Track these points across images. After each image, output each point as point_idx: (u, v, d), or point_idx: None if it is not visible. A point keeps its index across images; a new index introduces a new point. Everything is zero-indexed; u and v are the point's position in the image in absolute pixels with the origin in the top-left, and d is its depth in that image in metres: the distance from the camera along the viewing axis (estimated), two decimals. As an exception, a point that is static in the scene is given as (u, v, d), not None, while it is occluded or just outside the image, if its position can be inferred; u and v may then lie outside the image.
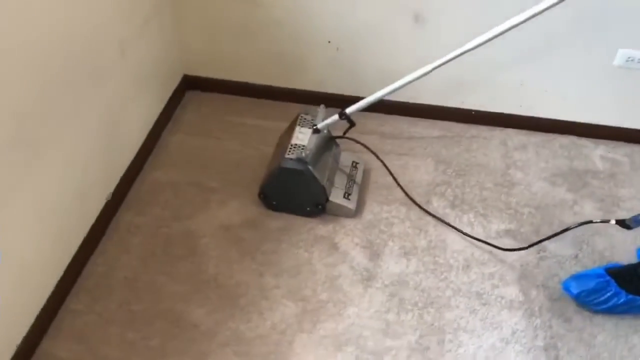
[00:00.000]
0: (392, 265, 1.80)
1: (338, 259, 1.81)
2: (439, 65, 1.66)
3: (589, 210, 1.99)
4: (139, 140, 2.06)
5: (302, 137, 1.88)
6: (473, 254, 1.84)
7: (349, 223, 1.90)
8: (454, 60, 1.63)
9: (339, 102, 2.30)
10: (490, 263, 1.82)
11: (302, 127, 1.92)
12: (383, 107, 2.13)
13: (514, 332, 1.64)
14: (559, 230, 1.75)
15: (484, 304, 1.71)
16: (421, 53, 2.12)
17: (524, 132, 2.28)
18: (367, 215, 1.94)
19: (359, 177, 2.01)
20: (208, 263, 1.78)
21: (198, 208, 1.94)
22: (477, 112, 2.29)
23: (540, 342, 1.61)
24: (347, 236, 1.88)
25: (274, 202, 1.91)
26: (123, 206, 1.93)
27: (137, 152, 2.03)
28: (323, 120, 1.90)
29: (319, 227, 1.89)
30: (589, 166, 2.14)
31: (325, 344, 1.60)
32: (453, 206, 1.98)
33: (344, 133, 1.93)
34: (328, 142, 1.96)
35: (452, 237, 1.88)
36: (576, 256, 1.83)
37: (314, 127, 1.90)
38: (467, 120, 2.32)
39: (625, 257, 1.82)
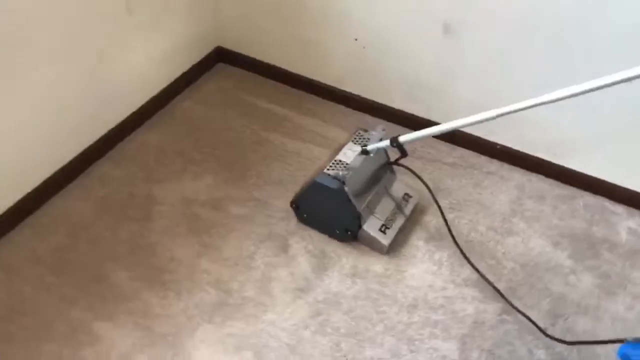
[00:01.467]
0: (333, 283, 1.67)
1: (282, 261, 1.72)
2: (507, 113, 1.37)
3: (585, 284, 1.72)
4: (140, 99, 2.08)
5: (350, 154, 1.72)
6: (427, 295, 1.66)
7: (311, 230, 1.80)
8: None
9: (357, 103, 2.21)
10: (441, 310, 1.63)
11: (354, 143, 1.76)
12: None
13: (431, 392, 1.46)
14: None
15: (412, 352, 1.53)
16: (447, 66, 1.96)
17: (548, 181, 2.01)
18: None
19: (407, 211, 1.81)
20: (153, 231, 1.76)
21: (171, 176, 1.93)
22: (503, 147, 2.06)
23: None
24: (303, 241, 1.77)
25: (305, 215, 1.79)
26: (105, 158, 1.97)
27: (136, 111, 2.06)
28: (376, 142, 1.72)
29: (278, 225, 1.81)
30: (609, 236, 1.85)
31: (227, 342, 1.52)
32: (429, 239, 1.80)
33: (395, 162, 1.78)
34: (380, 167, 1.78)
35: (413, 271, 1.71)
36: (545, 330, 1.59)
37: (363, 148, 1.72)
38: (488, 154, 2.09)
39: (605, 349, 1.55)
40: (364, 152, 1.72)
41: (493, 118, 1.41)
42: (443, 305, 1.64)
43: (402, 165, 1.78)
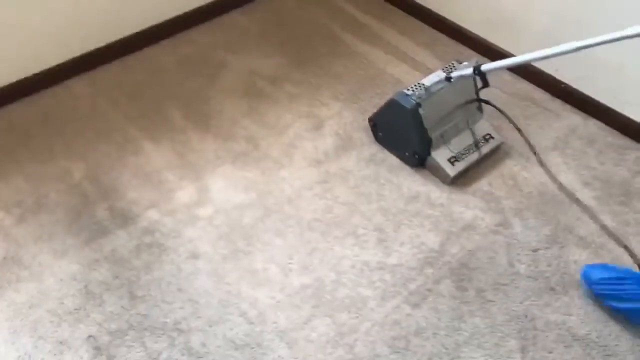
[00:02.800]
0: (349, 163, 1.81)
1: (311, 136, 1.89)
2: (593, 45, 1.33)
3: (598, 225, 1.67)
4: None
5: (434, 80, 1.72)
6: (430, 193, 1.73)
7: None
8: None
9: (438, 22, 2.25)
10: (439, 208, 1.70)
11: (443, 72, 1.74)
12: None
13: (399, 267, 1.56)
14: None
15: (395, 232, 1.64)
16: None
17: (607, 128, 1.93)
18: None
19: (483, 150, 1.78)
20: (214, 87, 2.02)
21: (246, 50, 2.17)
22: (567, 86, 2.01)
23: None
24: (336, 126, 1.92)
25: (380, 134, 1.84)
26: (198, 27, 2.26)
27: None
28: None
29: (320, 109, 1.97)
30: (650, 191, 1.76)
31: (239, 182, 1.74)
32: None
33: (476, 92, 1.77)
34: (465, 100, 1.76)
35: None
36: (536, 249, 1.60)
37: (447, 75, 1.72)
38: (552, 91, 2.05)
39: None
40: (448, 79, 1.71)
41: (573, 50, 1.37)
42: (442, 204, 1.71)
43: (492, 105, 1.78)
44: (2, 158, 1.77)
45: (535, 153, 1.79)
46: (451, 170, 1.74)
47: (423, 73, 1.98)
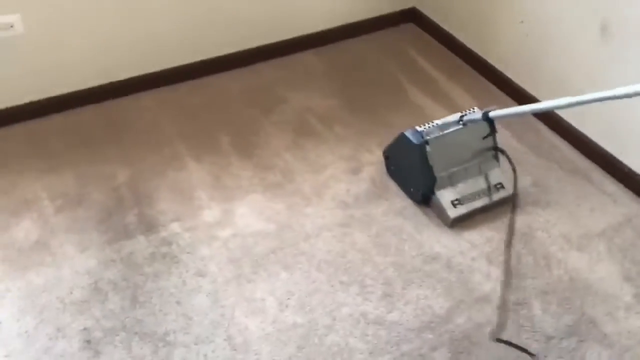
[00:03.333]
0: (377, 210, 1.79)
1: (347, 179, 1.89)
2: (605, 99, 1.27)
3: (631, 324, 1.51)
4: (321, 25, 2.41)
5: (448, 121, 1.74)
6: (452, 257, 1.67)
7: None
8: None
9: (508, 88, 2.20)
10: (455, 274, 1.63)
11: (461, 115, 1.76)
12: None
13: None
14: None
15: (403, 289, 1.59)
16: (599, 72, 1.84)
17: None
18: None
19: (493, 198, 1.77)
20: (266, 119, 2.10)
21: (308, 89, 2.23)
22: (632, 172, 1.86)
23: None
24: (374, 173, 1.91)
25: (392, 167, 1.88)
26: (273, 61, 2.36)
27: (313, 33, 2.40)
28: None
29: (363, 155, 1.98)
30: None
31: (264, 212, 1.78)
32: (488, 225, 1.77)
33: (485, 137, 1.76)
34: (479, 147, 1.77)
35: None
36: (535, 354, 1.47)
37: (460, 117, 1.73)
38: (616, 175, 1.91)
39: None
40: (460, 121, 1.72)
41: (588, 102, 1.30)
42: (462, 271, 1.64)
43: (506, 155, 1.78)
44: (62, 153, 1.95)
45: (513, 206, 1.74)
46: (452, 212, 1.72)
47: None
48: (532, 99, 2.10)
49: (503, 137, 2.04)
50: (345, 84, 2.26)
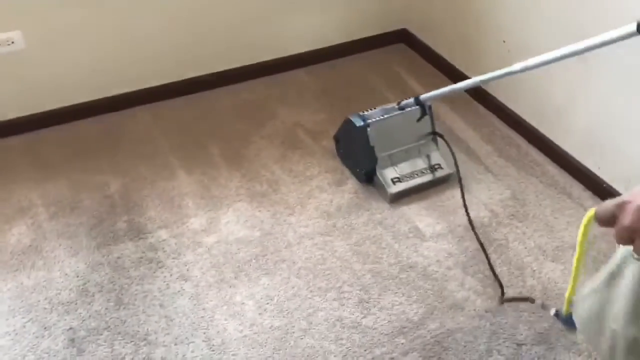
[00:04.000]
0: (358, 220, 1.85)
1: (330, 190, 1.96)
2: (530, 67, 1.44)
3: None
4: (311, 46, 2.50)
5: (388, 107, 1.94)
6: (432, 268, 1.72)
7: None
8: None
9: (493, 105, 2.26)
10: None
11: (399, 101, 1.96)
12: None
13: (371, 330, 1.55)
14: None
15: (375, 300, 1.63)
16: (578, 87, 1.90)
17: None
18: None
19: (427, 177, 1.93)
20: (257, 133, 2.17)
21: (297, 104, 2.31)
22: (610, 187, 1.91)
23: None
24: (357, 185, 1.97)
25: (341, 151, 2.03)
26: (265, 78, 2.45)
27: (303, 52, 2.49)
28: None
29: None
30: None
31: (249, 220, 1.85)
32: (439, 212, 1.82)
33: (418, 120, 1.92)
34: (419, 131, 1.94)
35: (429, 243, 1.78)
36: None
37: (398, 102, 1.93)
38: (594, 189, 1.95)
39: None
40: (400, 108, 1.93)
41: (516, 72, 1.47)
42: (437, 279, 1.68)
43: (444, 139, 1.94)
44: (58, 164, 2.03)
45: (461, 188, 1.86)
46: (391, 189, 1.88)
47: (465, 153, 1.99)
48: (515, 116, 2.17)
49: (484, 152, 2.10)
50: (335, 101, 2.33)
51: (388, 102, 2.28)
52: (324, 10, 2.44)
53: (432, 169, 1.94)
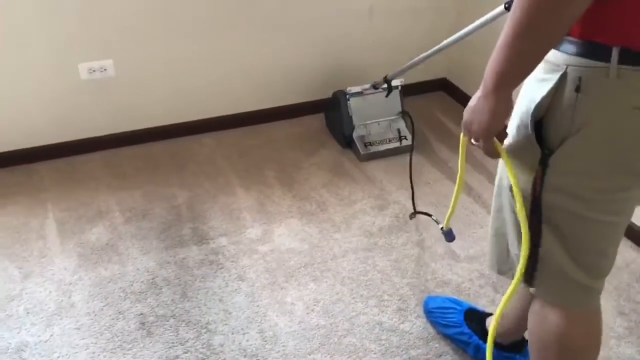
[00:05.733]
0: (398, 240, 2.04)
1: (374, 213, 2.16)
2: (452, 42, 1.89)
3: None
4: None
5: (366, 86, 2.44)
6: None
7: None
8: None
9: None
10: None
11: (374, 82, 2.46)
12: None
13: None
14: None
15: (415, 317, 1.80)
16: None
17: None
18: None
19: (393, 145, 2.44)
20: (313, 163, 2.41)
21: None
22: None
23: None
24: (399, 211, 2.17)
25: (328, 120, 2.59)
26: (290, 121, 2.71)
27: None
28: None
29: (392, 194, 2.25)
30: None
31: (298, 234, 2.05)
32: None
33: (387, 95, 2.42)
34: (390, 108, 2.47)
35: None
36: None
37: (373, 83, 2.41)
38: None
39: None
40: (374, 87, 2.43)
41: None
42: (469, 295, 1.84)
43: (409, 116, 2.41)
44: (133, 176, 2.30)
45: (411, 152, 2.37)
46: (364, 150, 2.41)
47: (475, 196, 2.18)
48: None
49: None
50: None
51: (428, 142, 2.53)
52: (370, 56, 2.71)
53: (400, 139, 2.45)
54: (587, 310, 1.24)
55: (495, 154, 1.13)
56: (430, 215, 2.07)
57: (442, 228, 1.78)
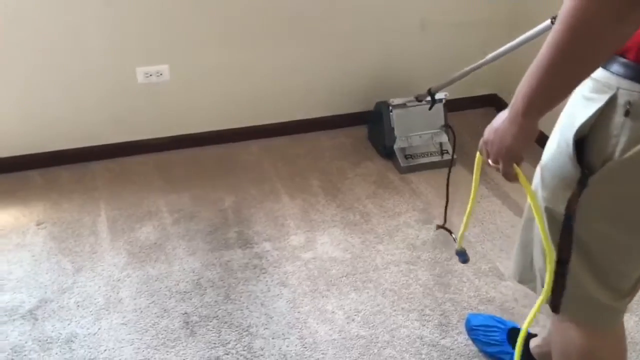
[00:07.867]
0: (442, 255, 2.02)
1: (418, 227, 2.15)
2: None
3: None
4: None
5: (410, 99, 2.46)
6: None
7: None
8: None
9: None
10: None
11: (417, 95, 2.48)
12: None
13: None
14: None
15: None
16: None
17: None
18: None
19: (434, 158, 2.43)
20: (357, 174, 2.42)
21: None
22: None
23: None
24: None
25: (370, 132, 2.59)
26: (337, 130, 2.72)
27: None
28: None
29: (435, 209, 2.24)
30: None
31: (341, 244, 2.07)
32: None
33: (430, 108, 2.40)
34: (434, 121, 2.46)
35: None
36: None
37: (416, 96, 2.42)
38: None
39: None
40: (418, 100, 2.42)
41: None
42: (513, 314, 1.81)
43: (452, 130, 2.34)
44: (182, 179, 2.36)
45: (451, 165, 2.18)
46: (404, 162, 2.41)
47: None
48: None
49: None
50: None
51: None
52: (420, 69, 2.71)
53: (441, 153, 2.44)
54: (612, 329, 1.21)
55: (513, 177, 1.10)
56: (451, 233, 2.06)
57: (456, 249, 1.77)
